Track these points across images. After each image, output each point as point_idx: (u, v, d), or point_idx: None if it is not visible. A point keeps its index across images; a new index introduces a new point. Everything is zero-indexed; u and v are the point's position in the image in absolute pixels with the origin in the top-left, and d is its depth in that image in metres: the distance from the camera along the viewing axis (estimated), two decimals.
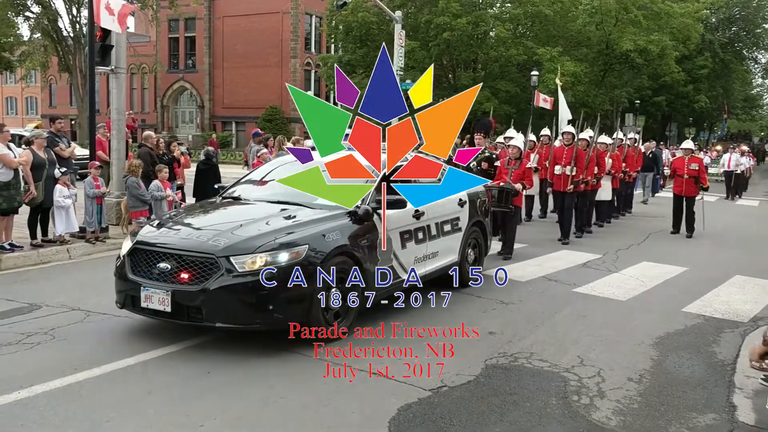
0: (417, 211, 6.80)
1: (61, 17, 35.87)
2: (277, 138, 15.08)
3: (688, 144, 13.62)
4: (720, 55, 46.51)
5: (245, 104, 47.29)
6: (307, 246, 5.54)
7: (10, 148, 9.18)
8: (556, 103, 19.21)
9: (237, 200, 6.86)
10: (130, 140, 14.27)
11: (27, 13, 36.72)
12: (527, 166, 10.14)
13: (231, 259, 5.33)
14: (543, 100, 24.55)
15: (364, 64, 36.08)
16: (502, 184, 9.66)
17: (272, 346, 5.50)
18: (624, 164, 14.60)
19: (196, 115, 52.14)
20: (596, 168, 12.09)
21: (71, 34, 35.56)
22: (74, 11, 35.07)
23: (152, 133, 12.59)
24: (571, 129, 12.26)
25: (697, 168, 12.68)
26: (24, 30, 39.77)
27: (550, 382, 4.98)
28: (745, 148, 27.75)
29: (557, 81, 20.89)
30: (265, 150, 13.22)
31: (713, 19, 48.64)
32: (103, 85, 27.11)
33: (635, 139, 16.99)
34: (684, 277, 9.05)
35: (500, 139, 13.61)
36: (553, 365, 5.34)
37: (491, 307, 7.10)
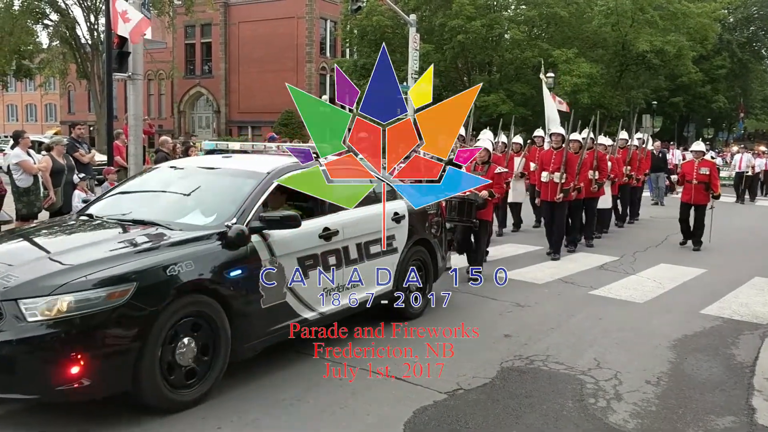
0: (327, 229, 5.51)
1: (79, 25, 36.29)
2: (293, 142, 15.14)
3: (698, 146, 11.86)
4: (738, 55, 46.05)
5: (261, 109, 47.50)
6: (135, 283, 4.10)
7: (30, 155, 9.32)
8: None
9: (89, 219, 5.41)
10: (146, 145, 14.41)
11: (45, 21, 37.17)
12: (497, 171, 8.63)
13: (19, 303, 3.91)
14: (558, 103, 24.37)
15: None
16: (467, 193, 8.19)
17: (287, 349, 5.52)
18: (629, 167, 13.41)
19: (213, 120, 52.49)
20: (596, 173, 10.89)
21: (89, 42, 35.93)
22: (92, 19, 35.42)
23: (168, 138, 12.72)
24: (560, 130, 10.74)
25: (708, 173, 11.01)
26: (43, 38, 40.25)
27: (567, 385, 4.96)
28: (762, 148, 26.68)
29: (541, 76, 19.52)
30: None
31: (731, 19, 48.20)
32: (120, 92, 27.36)
33: (643, 140, 15.28)
34: (702, 279, 8.97)
35: (517, 138, 12.96)
36: (569, 368, 5.32)
37: (507, 309, 7.08)
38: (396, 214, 6.39)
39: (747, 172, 21.86)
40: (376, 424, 4.25)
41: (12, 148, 9.88)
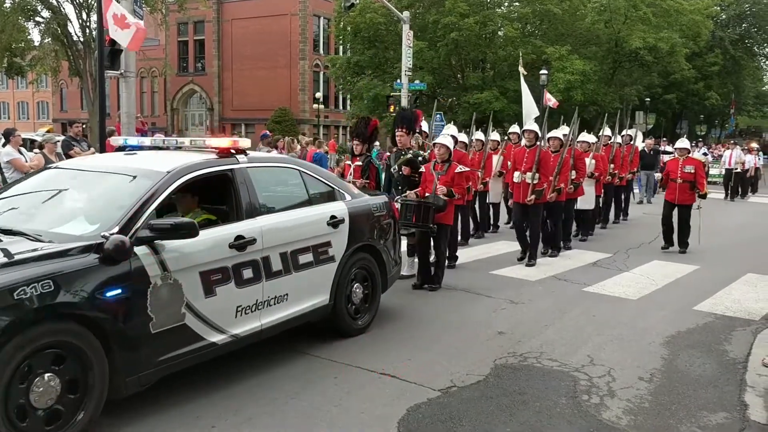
0: (240, 238, 4.76)
1: (71, 22, 36.03)
2: (285, 139, 15.12)
3: (683, 143, 11.26)
4: (730, 52, 46.15)
5: (254, 106, 47.44)
6: None
7: (21, 153, 9.28)
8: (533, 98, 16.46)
9: None
10: None
11: (37, 19, 36.96)
12: (457, 171, 7.76)
13: None
14: (546, 100, 24.32)
15: (372, 65, 36.18)
16: (427, 195, 7.64)
17: (281, 347, 5.52)
18: (612, 166, 12.70)
19: (206, 117, 52.39)
20: (573, 172, 10.26)
21: (81, 39, 35.72)
22: (84, 16, 35.25)
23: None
24: (533, 127, 9.79)
25: (693, 171, 10.42)
26: (35, 35, 40.00)
27: (560, 382, 4.97)
28: (754, 145, 26.55)
29: (520, 69, 18.66)
30: (275, 152, 13.28)
31: (723, 16, 48.32)
32: (113, 89, 27.23)
33: (630, 136, 14.40)
34: (695, 275, 9.01)
35: (494, 135, 12.14)
36: (563, 365, 5.33)
37: (500, 306, 7.09)
38: (333, 217, 5.67)
39: (736, 168, 21.57)
40: (370, 423, 4.25)
41: (3, 146, 9.84)
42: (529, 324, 6.46)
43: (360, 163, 8.26)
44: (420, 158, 8.19)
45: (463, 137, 10.34)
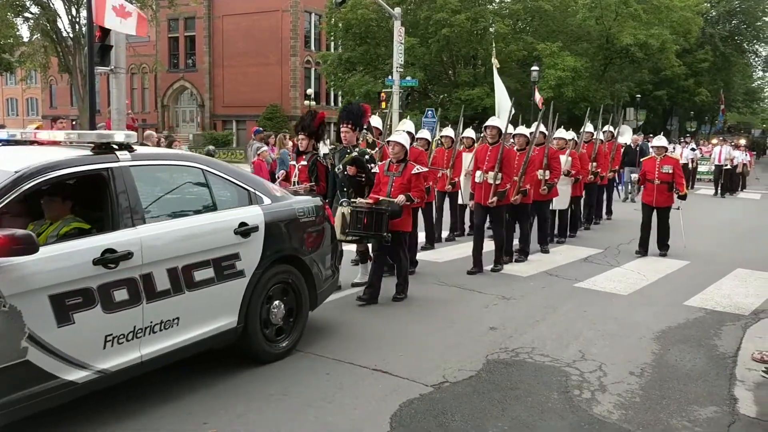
0: (111, 251, 3.97)
1: (60, 18, 35.81)
2: (278, 136, 15.08)
3: (659, 141, 10.38)
4: (720, 49, 46.37)
5: (246, 103, 47.28)
6: None
7: None
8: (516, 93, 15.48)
9: None
10: None
11: (26, 14, 36.71)
12: (414, 172, 7.03)
13: None
14: (538, 99, 24.33)
15: (364, 62, 36.14)
16: (381, 198, 6.88)
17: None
18: (595, 164, 12.10)
19: (197, 114, 52.16)
20: (547, 172, 9.64)
21: (71, 35, 35.52)
22: (73, 12, 35.03)
23: (153, 133, 12.63)
24: (496, 123, 8.91)
25: (671, 171, 9.78)
26: (24, 31, 39.79)
27: (552, 377, 4.99)
28: (742, 141, 26.64)
29: (493, 61, 17.91)
30: (265, 148, 13.24)
31: (713, 13, 48.54)
32: (103, 86, 27.08)
33: (612, 132, 13.91)
34: (686, 270, 9.06)
35: (468, 132, 11.29)
36: (554, 360, 5.35)
37: (492, 302, 7.11)
38: (243, 224, 4.85)
39: (726, 165, 21.60)
40: (362, 418, 4.26)
41: None
42: (521, 320, 6.48)
43: (306, 162, 7.40)
44: (367, 156, 7.36)
45: (425, 134, 9.98)
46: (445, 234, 10.89)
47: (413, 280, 7.68)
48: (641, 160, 11.13)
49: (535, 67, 29.81)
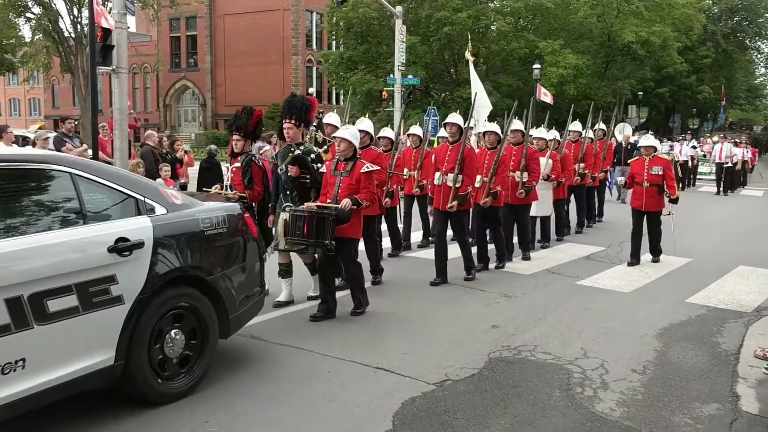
0: None
1: (62, 18, 35.90)
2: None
3: (647, 140, 9.53)
4: (722, 46, 46.26)
5: (247, 102, 46.14)
6: None
7: None
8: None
9: None
10: (132, 140, 14.33)
11: (28, 15, 36.78)
12: (364, 170, 6.26)
13: None
14: (543, 95, 24.29)
15: (365, 60, 36.10)
16: (329, 201, 6.18)
17: (275, 342, 5.53)
18: (582, 165, 11.44)
19: (199, 113, 52.24)
20: (524, 174, 8.95)
21: (72, 35, 35.59)
22: (75, 12, 35.11)
23: (154, 132, 12.64)
24: (456, 119, 7.90)
25: (661, 173, 8.96)
26: (26, 31, 39.79)
27: (554, 375, 4.99)
28: (742, 138, 26.40)
29: (467, 55, 16.91)
30: (267, 147, 13.21)
31: (715, 9, 48.42)
32: (105, 85, 27.14)
33: (603, 131, 13.05)
34: (688, 268, 9.05)
35: (440, 132, 10.55)
36: (556, 358, 5.35)
37: (494, 300, 7.11)
38: (122, 240, 4.01)
39: (726, 163, 21.25)
40: (365, 417, 4.26)
41: None
42: (523, 317, 6.48)
43: (240, 164, 6.79)
44: (313, 155, 6.57)
45: (388, 132, 9.36)
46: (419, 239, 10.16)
47: (414, 279, 7.68)
48: (629, 161, 10.25)
49: (536, 65, 29.77)
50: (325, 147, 7.33)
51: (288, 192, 6.54)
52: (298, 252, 6.54)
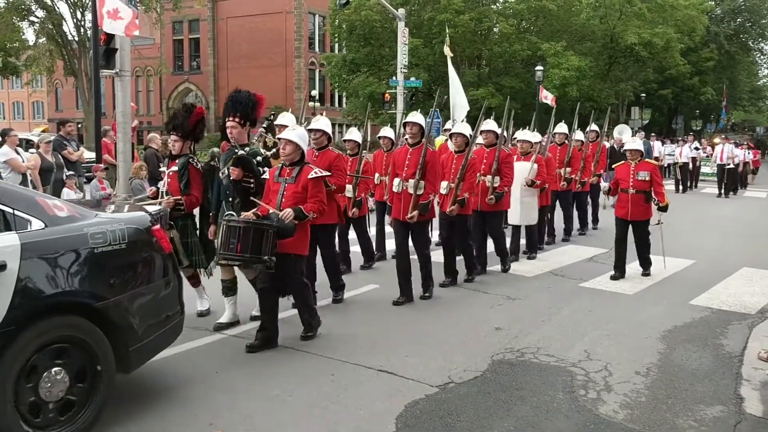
0: None
1: (65, 21, 35.98)
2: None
3: (634, 143, 8.81)
4: (725, 47, 46.23)
5: None
6: None
7: (18, 153, 9.27)
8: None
9: None
10: (135, 142, 14.37)
11: (31, 18, 36.88)
12: (311, 176, 5.48)
13: None
14: (543, 98, 24.29)
15: (368, 63, 36.11)
16: (272, 211, 5.38)
17: (278, 345, 5.52)
18: (568, 169, 10.69)
19: None
20: (496, 178, 8.21)
21: (76, 38, 35.68)
22: (78, 15, 35.19)
23: (157, 135, 12.67)
24: (417, 119, 7.15)
25: (648, 179, 8.19)
26: (29, 35, 39.92)
27: (557, 377, 4.99)
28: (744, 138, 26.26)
29: (446, 50, 16.11)
30: None
31: (718, 11, 48.39)
32: (108, 88, 27.25)
33: (597, 132, 12.25)
34: (691, 269, 9.04)
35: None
36: (559, 360, 5.35)
37: (497, 302, 7.11)
38: None
39: (728, 164, 20.87)
40: (368, 419, 4.26)
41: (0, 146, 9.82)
42: (526, 319, 6.48)
43: (177, 168, 6.17)
44: (259, 158, 5.97)
45: (354, 135, 8.63)
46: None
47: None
48: (613, 166, 9.35)
49: (539, 67, 29.77)
50: (274, 151, 6.67)
51: (231, 199, 5.87)
52: (240, 267, 5.83)
